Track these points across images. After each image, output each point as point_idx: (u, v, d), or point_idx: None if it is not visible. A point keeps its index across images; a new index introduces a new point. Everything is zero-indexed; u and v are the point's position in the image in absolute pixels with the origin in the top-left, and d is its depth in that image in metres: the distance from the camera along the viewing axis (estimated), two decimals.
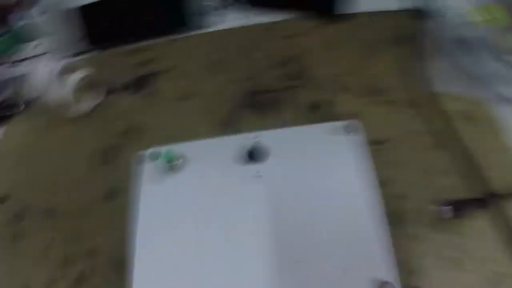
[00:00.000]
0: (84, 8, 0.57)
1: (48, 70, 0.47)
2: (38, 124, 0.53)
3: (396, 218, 0.35)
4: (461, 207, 0.35)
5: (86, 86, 0.50)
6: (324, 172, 0.32)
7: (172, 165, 0.34)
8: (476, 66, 0.44)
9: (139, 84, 0.53)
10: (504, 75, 0.42)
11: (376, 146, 0.40)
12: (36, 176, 0.46)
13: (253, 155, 0.33)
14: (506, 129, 0.40)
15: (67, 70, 0.50)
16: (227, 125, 0.45)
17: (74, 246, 0.39)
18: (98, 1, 0.56)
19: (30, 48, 0.63)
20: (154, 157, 0.35)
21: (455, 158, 0.39)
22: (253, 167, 0.33)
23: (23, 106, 0.54)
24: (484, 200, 0.35)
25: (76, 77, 0.48)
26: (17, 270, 0.39)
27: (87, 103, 0.51)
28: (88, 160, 0.46)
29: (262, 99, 0.47)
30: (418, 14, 0.51)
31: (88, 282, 0.36)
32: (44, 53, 0.60)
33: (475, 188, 0.37)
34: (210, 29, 0.58)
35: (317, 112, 0.44)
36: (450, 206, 0.35)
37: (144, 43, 0.58)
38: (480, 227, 0.34)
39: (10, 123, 0.54)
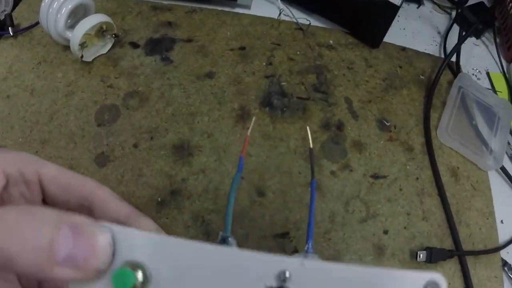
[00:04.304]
0: None
1: (59, 0, 0.43)
2: (27, 55, 0.47)
3: (377, 250, 0.39)
4: (433, 253, 0.39)
5: (97, 32, 0.46)
6: None
7: None
8: (485, 132, 0.48)
9: (151, 46, 0.50)
10: (507, 150, 0.48)
11: (375, 179, 0.43)
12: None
13: None
14: (487, 196, 0.45)
15: (80, 8, 0.45)
16: (239, 117, 0.45)
17: None
18: None
19: None
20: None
21: (435, 208, 0.43)
22: None
23: (13, 29, 0.48)
24: (452, 252, 0.40)
25: (91, 21, 0.44)
26: None
27: (91, 51, 0.47)
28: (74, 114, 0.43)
29: (277, 101, 0.47)
30: (448, 64, 0.55)
31: None
32: None
33: (446, 239, 0.41)
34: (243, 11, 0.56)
35: (326, 132, 0.46)
36: (425, 251, 0.39)
37: (169, 2, 0.55)
38: (445, 275, 0.39)
39: None
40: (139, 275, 0.15)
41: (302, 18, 0.55)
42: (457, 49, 0.55)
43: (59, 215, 0.15)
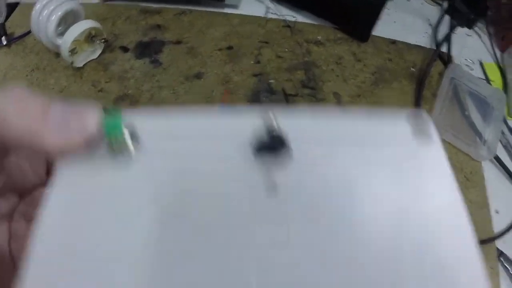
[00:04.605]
0: None
1: (48, 8, 0.44)
2: (20, 63, 0.49)
3: None
4: None
5: (86, 38, 0.46)
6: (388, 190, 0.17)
7: (118, 147, 0.17)
8: (478, 122, 0.48)
9: (141, 49, 0.51)
10: (501, 139, 0.48)
11: None
12: None
13: (267, 147, 0.17)
14: (482, 186, 0.44)
15: (69, 15, 0.46)
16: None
17: None
18: None
19: None
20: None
21: None
22: (263, 172, 0.17)
23: (7, 38, 0.49)
24: None
25: (79, 27, 0.45)
26: None
27: (82, 57, 0.48)
28: None
29: (266, 98, 0.47)
30: (438, 55, 0.54)
31: None
32: None
33: None
34: (231, 11, 0.56)
35: None
36: None
37: (158, 5, 0.55)
38: None
39: None
40: (127, 131, 0.16)
41: (289, 15, 0.55)
42: (448, 39, 0.54)
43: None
